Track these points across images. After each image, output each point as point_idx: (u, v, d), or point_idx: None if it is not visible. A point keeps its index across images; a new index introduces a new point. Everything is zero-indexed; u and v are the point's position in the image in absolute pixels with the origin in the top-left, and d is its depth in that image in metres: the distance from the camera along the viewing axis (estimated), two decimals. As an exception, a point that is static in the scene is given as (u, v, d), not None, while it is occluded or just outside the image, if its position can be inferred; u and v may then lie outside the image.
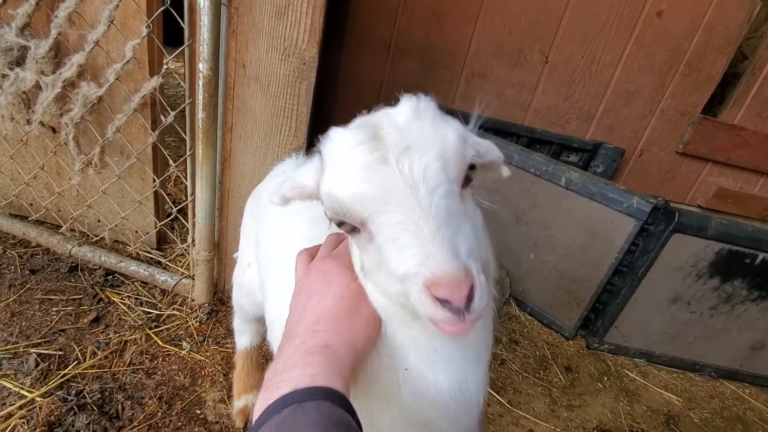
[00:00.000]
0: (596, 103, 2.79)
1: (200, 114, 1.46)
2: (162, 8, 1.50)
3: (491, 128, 2.66)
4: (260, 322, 1.39)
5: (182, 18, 1.50)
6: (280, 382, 0.49)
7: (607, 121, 2.83)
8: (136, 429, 1.34)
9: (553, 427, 1.71)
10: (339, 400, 0.48)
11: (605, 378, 2.05)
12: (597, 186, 1.96)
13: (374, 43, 2.57)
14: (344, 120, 0.60)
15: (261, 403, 0.49)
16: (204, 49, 1.36)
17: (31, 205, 2.05)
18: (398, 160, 0.51)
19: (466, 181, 0.57)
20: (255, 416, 0.48)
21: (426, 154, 0.52)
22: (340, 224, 0.58)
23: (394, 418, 0.65)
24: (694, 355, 2.18)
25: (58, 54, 1.66)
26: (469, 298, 0.47)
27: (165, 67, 1.55)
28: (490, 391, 1.79)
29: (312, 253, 0.72)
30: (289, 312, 0.64)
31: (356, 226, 0.56)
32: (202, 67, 1.39)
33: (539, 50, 2.63)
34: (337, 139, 0.56)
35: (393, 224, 0.51)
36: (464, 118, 0.62)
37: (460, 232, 0.51)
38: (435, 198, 0.51)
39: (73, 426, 1.30)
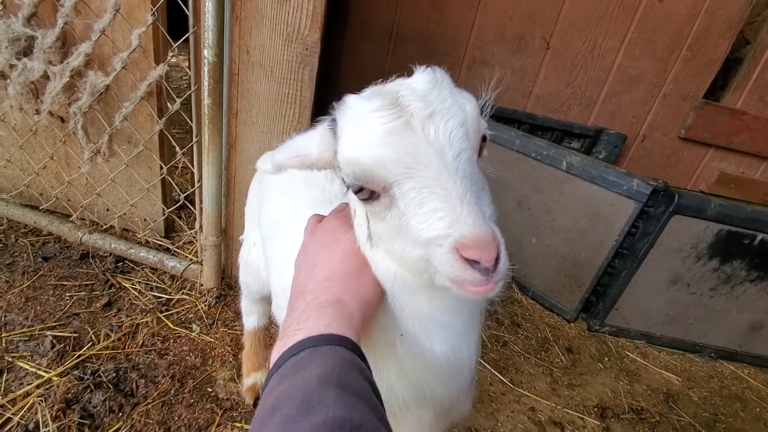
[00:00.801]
0: (598, 88, 2.79)
1: (206, 100, 1.49)
2: (167, -4, 1.52)
3: (493, 115, 2.66)
4: (266, 301, 1.43)
5: (187, 5, 1.52)
6: (296, 331, 0.53)
7: (609, 106, 2.84)
8: (150, 405, 1.39)
9: (554, 405, 1.75)
10: (352, 346, 0.51)
11: (606, 359, 2.09)
12: (597, 169, 1.98)
13: (376, 30, 2.58)
14: None
15: (277, 349, 0.52)
16: (209, 35, 1.39)
17: (42, 194, 2.09)
18: (423, 126, 0.53)
19: (479, 152, 0.60)
20: (272, 361, 0.52)
21: (450, 120, 0.54)
22: (358, 191, 0.57)
23: (393, 378, 0.69)
24: (694, 336, 2.21)
25: (65, 44, 1.69)
26: (496, 260, 0.49)
27: (171, 55, 1.57)
28: (493, 370, 1.84)
29: (320, 219, 0.74)
30: (296, 269, 0.67)
31: (376, 192, 0.56)
32: (207, 53, 1.42)
33: (540, 36, 2.64)
34: (355, 105, 0.57)
35: (420, 188, 0.52)
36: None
37: (482, 198, 0.54)
38: (461, 163, 0.53)
39: (90, 402, 1.35)
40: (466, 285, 0.51)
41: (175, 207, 1.98)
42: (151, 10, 1.53)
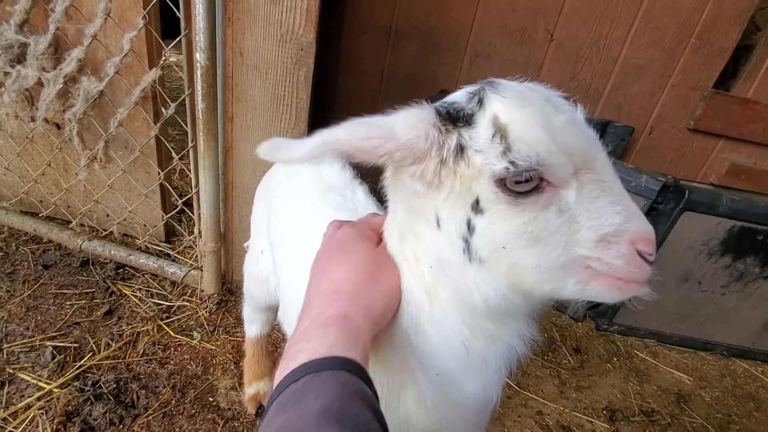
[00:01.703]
0: (604, 80, 2.72)
1: (200, 105, 1.45)
2: (157, -1, 1.48)
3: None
4: (271, 310, 1.40)
5: (178, 8, 1.48)
6: (298, 352, 0.50)
7: (616, 98, 2.76)
8: (151, 417, 1.37)
9: (561, 408, 1.72)
10: (356, 370, 0.48)
11: (615, 359, 2.04)
12: (604, 166, 1.93)
13: (374, 27, 2.52)
14: (347, 108, 0.58)
15: (280, 372, 0.50)
16: (200, 38, 1.35)
17: (41, 201, 2.08)
18: (588, 126, 0.54)
19: None
20: (275, 384, 0.49)
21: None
22: (521, 181, 0.50)
23: (410, 407, 0.65)
24: (706, 334, 2.16)
25: (58, 49, 1.66)
26: None
27: (164, 58, 1.54)
28: (499, 373, 1.80)
29: (340, 225, 0.70)
30: (309, 279, 0.64)
31: (543, 185, 0.50)
32: (200, 56, 1.38)
33: (544, 28, 2.57)
34: (518, 87, 0.54)
35: (597, 181, 0.51)
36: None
37: None
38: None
39: (90, 415, 1.34)
40: (631, 282, 0.51)
41: (173, 213, 1.96)
42: (143, 13, 1.49)
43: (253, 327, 1.52)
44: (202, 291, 1.86)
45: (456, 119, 0.54)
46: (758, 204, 1.83)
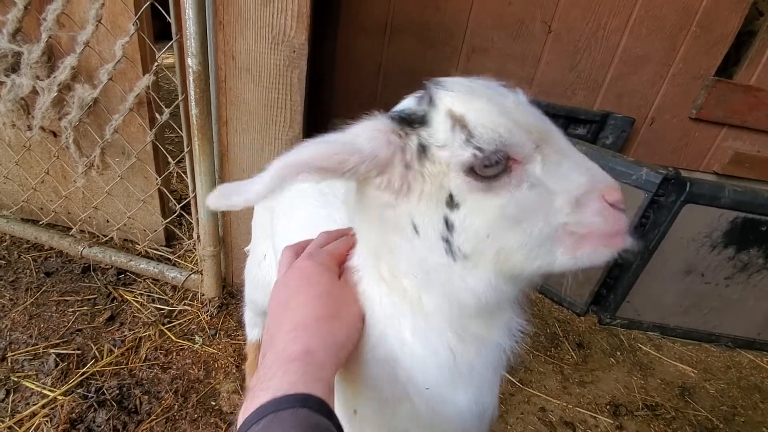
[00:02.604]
0: (603, 71, 2.68)
1: (193, 110, 1.45)
2: (147, 3, 1.47)
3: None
4: None
5: (169, 12, 1.47)
6: (260, 391, 0.49)
7: (616, 89, 2.73)
8: (154, 422, 1.39)
9: (565, 404, 1.71)
10: (318, 406, 0.48)
11: (618, 353, 2.04)
12: (604, 159, 1.91)
13: (369, 23, 2.50)
14: (344, 107, 0.57)
15: (243, 412, 0.49)
16: (191, 43, 1.34)
17: (41, 209, 2.09)
18: (534, 106, 0.57)
19: None
20: (238, 425, 0.49)
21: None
22: (491, 165, 0.51)
23: (407, 422, 0.65)
24: (710, 326, 2.14)
25: (52, 57, 1.66)
26: None
27: (156, 64, 1.53)
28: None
29: (298, 250, 0.69)
30: (269, 313, 0.63)
31: (510, 164, 0.51)
32: (191, 61, 1.37)
33: (541, 19, 2.53)
34: (463, 81, 0.56)
35: (557, 150, 0.53)
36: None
37: None
38: None
39: (94, 422, 1.35)
40: (615, 236, 0.53)
41: (172, 218, 1.96)
42: (133, 19, 1.49)
43: (254, 331, 1.52)
44: (203, 295, 1.87)
45: (411, 122, 0.55)
46: (761, 195, 1.81)
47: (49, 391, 1.43)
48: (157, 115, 1.71)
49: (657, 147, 2.92)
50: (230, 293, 1.91)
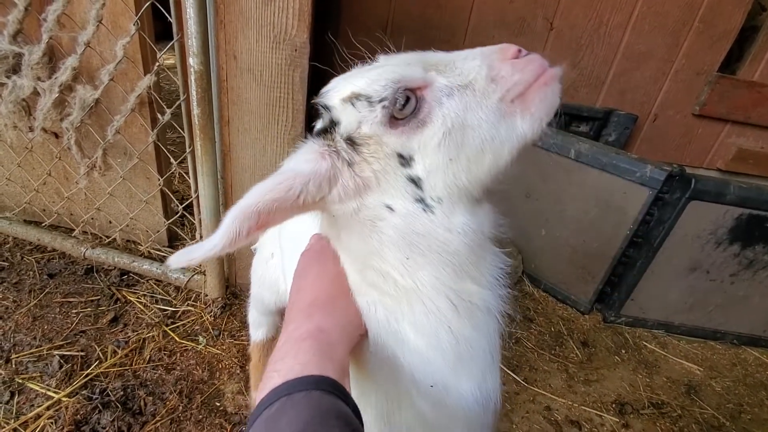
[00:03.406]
0: (606, 68, 2.67)
1: (195, 110, 1.44)
2: (148, 3, 1.47)
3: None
4: (279, 314, 1.40)
5: (170, 12, 1.47)
6: (273, 372, 0.49)
7: (618, 86, 2.72)
8: (159, 423, 1.38)
9: (570, 403, 1.70)
10: (331, 387, 0.47)
11: (623, 351, 2.03)
12: (608, 156, 1.90)
13: (370, 22, 2.49)
14: None
15: (258, 394, 0.49)
16: (192, 42, 1.34)
17: (44, 210, 2.08)
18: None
19: None
20: (254, 404, 0.49)
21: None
22: (403, 105, 0.54)
23: (411, 420, 0.65)
24: (715, 323, 2.13)
25: (53, 58, 1.66)
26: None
27: (157, 64, 1.52)
28: (506, 369, 1.79)
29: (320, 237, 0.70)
30: (290, 293, 0.64)
31: (419, 94, 0.55)
32: (193, 61, 1.37)
33: (543, 16, 2.52)
34: (336, 79, 0.62)
35: (441, 60, 0.58)
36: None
37: None
38: None
39: (98, 423, 1.35)
40: (544, 74, 0.55)
41: (174, 218, 1.96)
42: (134, 19, 1.48)
43: (259, 331, 1.52)
44: (206, 295, 1.86)
45: (328, 131, 0.59)
46: (766, 191, 1.79)
47: (54, 392, 1.43)
48: (158, 116, 1.70)
49: (660, 144, 2.90)
50: (233, 294, 1.91)
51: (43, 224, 2.06)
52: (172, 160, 1.70)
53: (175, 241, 2.16)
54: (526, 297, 2.26)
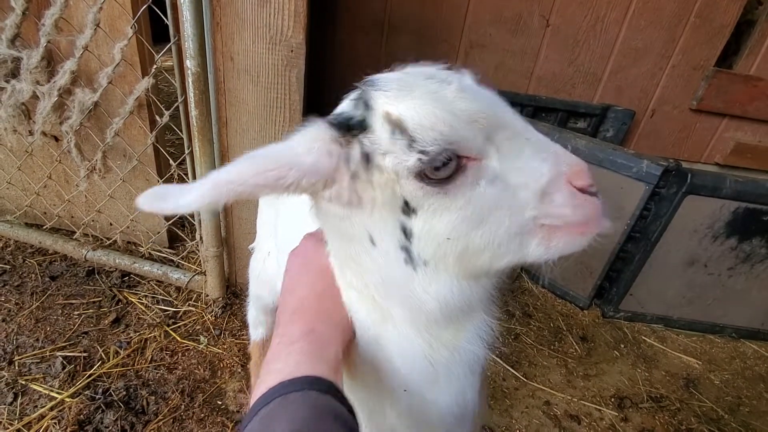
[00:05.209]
0: (602, 64, 2.68)
1: (193, 111, 1.45)
2: (145, 6, 1.48)
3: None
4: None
5: (166, 15, 1.48)
6: (266, 374, 0.50)
7: (615, 82, 2.72)
8: (161, 422, 1.40)
9: (569, 398, 1.72)
10: (325, 387, 0.48)
11: (622, 345, 2.04)
12: (604, 152, 1.90)
13: (367, 22, 2.50)
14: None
15: (253, 396, 0.50)
16: (189, 44, 1.35)
17: (45, 213, 2.10)
18: (482, 87, 0.51)
19: None
20: (249, 405, 0.49)
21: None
22: (440, 166, 0.47)
23: (394, 420, 0.65)
24: (714, 316, 2.14)
25: (51, 62, 1.67)
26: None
27: (155, 66, 1.54)
28: (505, 365, 1.81)
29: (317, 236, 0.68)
30: (280, 294, 0.64)
31: (463, 162, 0.47)
32: (190, 63, 1.38)
33: (539, 14, 2.53)
34: (396, 76, 0.51)
35: (513, 137, 0.48)
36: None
37: None
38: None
39: (102, 423, 1.36)
40: (589, 223, 0.49)
41: (174, 219, 1.97)
42: (131, 22, 1.49)
43: (258, 330, 1.53)
44: (207, 295, 1.87)
45: (351, 128, 0.50)
46: (763, 185, 1.80)
47: (57, 393, 1.44)
48: (157, 118, 1.72)
49: (658, 139, 2.91)
50: (234, 293, 1.92)
51: (45, 227, 2.08)
52: (171, 161, 1.71)
53: (175, 242, 2.17)
54: (525, 293, 2.27)
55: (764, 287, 2.03)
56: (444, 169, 0.47)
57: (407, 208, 0.50)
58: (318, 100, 2.57)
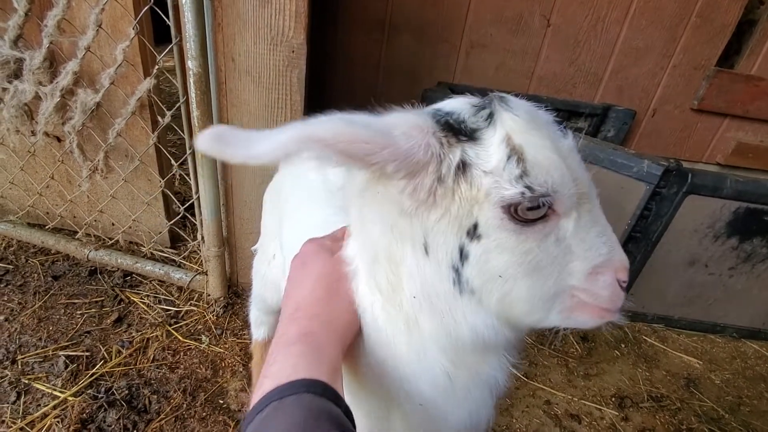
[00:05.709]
0: (603, 64, 2.68)
1: (195, 112, 1.46)
2: (147, 7, 1.48)
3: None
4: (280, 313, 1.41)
5: (168, 16, 1.48)
6: (264, 378, 0.50)
7: (616, 82, 2.72)
8: (163, 421, 1.40)
9: (570, 397, 1.72)
10: (322, 390, 0.48)
11: (623, 345, 2.04)
12: (605, 152, 1.90)
13: (368, 22, 2.50)
14: (344, 103, 0.54)
15: (251, 401, 0.50)
16: (191, 45, 1.35)
17: (47, 213, 2.11)
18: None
19: None
20: (248, 409, 0.50)
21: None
22: (534, 208, 0.47)
23: (399, 428, 0.65)
24: (715, 316, 2.14)
25: (53, 63, 1.68)
26: None
27: (157, 67, 1.54)
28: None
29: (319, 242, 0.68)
30: (282, 299, 0.64)
31: (550, 212, 0.48)
32: (192, 64, 1.38)
33: (540, 13, 2.53)
34: (527, 107, 0.51)
35: (590, 211, 0.51)
36: (467, 92, 0.59)
37: None
38: None
39: (104, 421, 1.37)
40: (612, 311, 0.53)
41: (176, 219, 1.98)
42: (133, 23, 1.50)
43: (260, 330, 1.53)
44: (209, 295, 1.88)
45: (458, 131, 0.48)
46: (764, 184, 1.80)
47: (60, 392, 1.45)
48: (159, 118, 1.73)
49: (659, 139, 2.91)
50: (235, 293, 1.93)
51: (47, 227, 2.09)
52: (173, 161, 1.72)
53: (177, 242, 2.18)
54: (526, 293, 2.27)
55: (765, 287, 2.03)
56: (535, 211, 0.47)
57: (474, 232, 0.49)
58: (319, 100, 2.58)
